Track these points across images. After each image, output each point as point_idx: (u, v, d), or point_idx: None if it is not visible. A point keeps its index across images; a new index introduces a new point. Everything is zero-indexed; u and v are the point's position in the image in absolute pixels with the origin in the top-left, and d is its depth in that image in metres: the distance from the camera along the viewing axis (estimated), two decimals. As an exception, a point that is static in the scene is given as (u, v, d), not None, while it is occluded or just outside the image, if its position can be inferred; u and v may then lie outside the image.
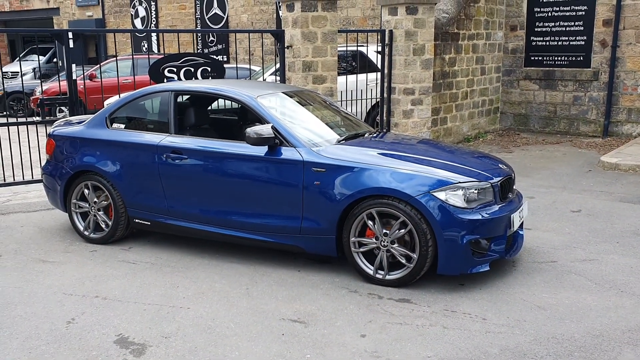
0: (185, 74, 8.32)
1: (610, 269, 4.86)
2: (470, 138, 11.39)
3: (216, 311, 4.06)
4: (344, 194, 4.51)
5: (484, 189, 4.48)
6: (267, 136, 4.67)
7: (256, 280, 4.64)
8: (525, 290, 4.44)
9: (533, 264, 5.00)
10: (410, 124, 9.97)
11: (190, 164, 5.07)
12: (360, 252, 4.58)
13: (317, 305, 4.17)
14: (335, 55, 9.10)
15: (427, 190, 4.31)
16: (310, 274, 4.77)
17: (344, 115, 5.87)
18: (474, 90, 11.41)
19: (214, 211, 5.03)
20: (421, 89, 9.95)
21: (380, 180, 4.42)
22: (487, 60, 11.67)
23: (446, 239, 4.27)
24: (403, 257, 4.43)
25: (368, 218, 4.48)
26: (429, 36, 9.84)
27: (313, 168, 4.62)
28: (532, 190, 7.62)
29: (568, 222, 6.22)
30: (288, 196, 4.71)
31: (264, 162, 4.80)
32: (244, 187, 4.88)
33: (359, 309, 4.09)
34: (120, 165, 5.38)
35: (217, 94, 5.25)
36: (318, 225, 4.64)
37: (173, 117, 5.28)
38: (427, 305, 4.16)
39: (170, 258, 5.16)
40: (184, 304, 4.18)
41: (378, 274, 4.51)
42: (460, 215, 4.29)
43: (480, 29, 11.31)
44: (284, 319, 3.93)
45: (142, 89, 5.61)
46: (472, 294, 4.36)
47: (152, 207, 5.30)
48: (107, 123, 5.58)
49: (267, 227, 4.83)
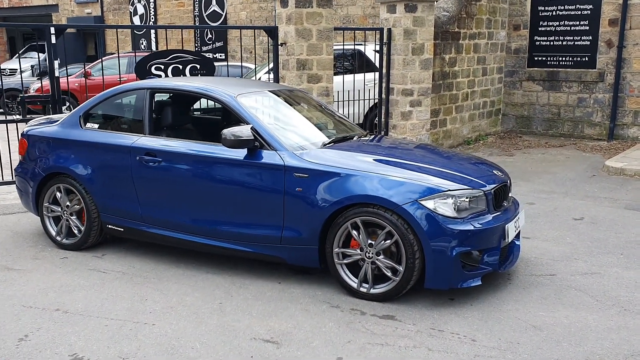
0: (173, 71, 8.02)
1: (613, 284, 4.53)
2: (470, 141, 11.05)
3: (183, 328, 3.75)
4: (327, 201, 4.19)
5: (476, 197, 4.16)
6: (245, 138, 4.36)
7: (232, 293, 4.33)
8: (521, 307, 4.11)
9: (530, 277, 4.67)
10: (408, 125, 9.65)
11: (164, 167, 4.76)
12: (344, 263, 4.27)
13: (294, 322, 3.85)
14: (331, 54, 8.78)
15: (414, 199, 3.99)
16: (292, 286, 4.45)
17: (335, 117, 5.55)
18: (475, 91, 11.07)
19: (190, 218, 4.72)
20: (420, 89, 9.63)
21: (365, 188, 4.10)
22: (489, 61, 11.33)
23: (434, 250, 3.95)
24: (389, 269, 4.11)
25: (352, 228, 4.16)
26: (428, 35, 9.52)
27: (295, 173, 4.30)
28: (532, 195, 7.29)
29: (569, 231, 5.88)
30: (268, 203, 4.39)
31: (242, 167, 4.48)
32: (222, 193, 4.57)
33: (338, 327, 3.77)
34: (93, 168, 5.08)
35: (195, 93, 4.93)
36: (300, 235, 4.32)
37: (148, 117, 4.97)
38: (412, 323, 3.84)
39: (144, 267, 4.86)
40: (149, 320, 3.87)
41: (362, 287, 4.20)
42: (450, 225, 3.97)
43: (482, 28, 10.97)
44: (256, 339, 3.61)
45: (118, 86, 5.30)
46: (462, 310, 4.04)
47: (126, 213, 4.99)
48: (80, 123, 5.28)
49: (245, 236, 4.51)
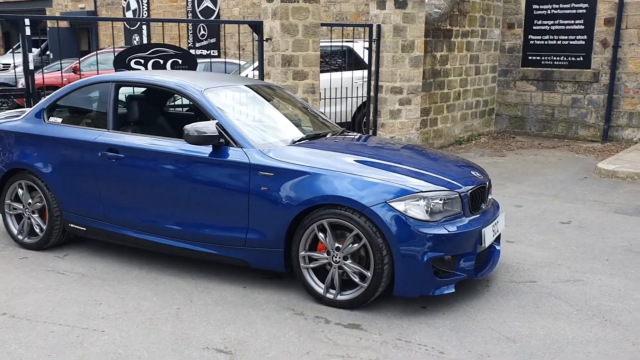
0: (153, 65, 7.79)
1: (595, 292, 4.30)
2: (462, 140, 10.82)
3: (133, 336, 3.52)
4: (293, 201, 3.96)
5: (451, 199, 3.93)
6: (210, 134, 4.13)
7: (192, 298, 4.10)
8: (496, 316, 3.88)
9: (510, 284, 4.44)
10: (397, 124, 9.42)
11: (127, 164, 4.53)
12: (310, 268, 4.04)
13: (253, 330, 3.62)
14: (317, 50, 8.54)
15: (383, 200, 3.76)
16: (256, 291, 4.23)
17: (311, 114, 5.32)
18: (467, 90, 10.84)
19: (153, 218, 4.49)
20: (410, 87, 9.40)
21: (332, 188, 3.87)
22: (482, 59, 11.09)
23: (404, 255, 3.72)
24: (356, 275, 3.88)
25: (319, 230, 3.93)
26: (419, 32, 9.29)
27: (260, 172, 4.07)
28: (520, 197, 7.06)
29: (555, 235, 5.65)
30: (233, 203, 4.17)
31: (207, 164, 4.26)
32: (186, 191, 4.34)
33: (299, 337, 3.55)
34: (55, 164, 4.85)
35: (161, 86, 4.70)
36: (265, 237, 4.09)
37: (112, 111, 4.74)
38: (378, 332, 3.61)
39: (105, 269, 4.63)
40: (99, 326, 3.64)
41: (329, 293, 3.97)
42: (421, 228, 3.74)
43: (476, 26, 10.73)
44: (209, 348, 3.39)
45: (83, 79, 5.07)
46: (433, 319, 3.81)
47: (88, 211, 4.77)
48: (43, 117, 5.05)
49: (209, 238, 4.29)
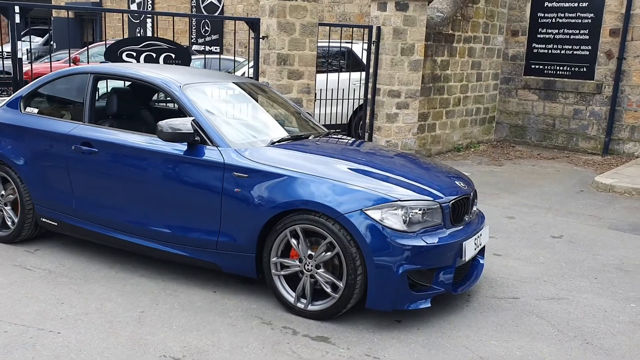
0: (146, 59, 7.64)
1: (579, 312, 4.12)
2: (460, 148, 10.64)
3: (89, 339, 3.36)
4: (266, 205, 3.80)
5: (432, 209, 3.76)
6: (185, 132, 3.97)
7: (159, 301, 3.95)
8: (472, 334, 3.71)
9: (491, 299, 4.27)
10: (394, 128, 9.25)
11: (100, 159, 4.38)
12: (282, 275, 3.88)
13: (215, 338, 3.46)
14: (314, 50, 8.39)
15: (359, 208, 3.59)
16: (227, 296, 4.07)
17: (298, 115, 5.16)
18: (467, 96, 10.65)
19: (125, 216, 4.34)
20: (408, 91, 9.23)
21: (306, 192, 3.71)
22: (485, 66, 10.91)
23: (378, 266, 3.55)
24: (329, 285, 3.72)
25: (292, 236, 3.77)
26: (419, 35, 9.12)
27: (234, 173, 3.92)
28: (513, 209, 6.88)
29: (545, 250, 5.48)
30: (205, 204, 4.01)
31: (181, 162, 4.10)
32: (159, 190, 4.18)
33: (262, 348, 3.38)
34: (29, 155, 4.71)
35: (139, 80, 4.54)
36: (236, 241, 3.93)
37: (89, 104, 4.59)
38: (346, 347, 3.45)
39: (75, 266, 4.48)
40: (56, 327, 3.49)
41: (300, 302, 3.80)
42: (398, 239, 3.57)
43: (479, 32, 10.55)
44: (165, 356, 3.23)
45: (62, 69, 4.93)
46: (406, 335, 3.64)
47: (60, 206, 4.62)
48: (20, 106, 4.91)
49: (181, 239, 4.13)
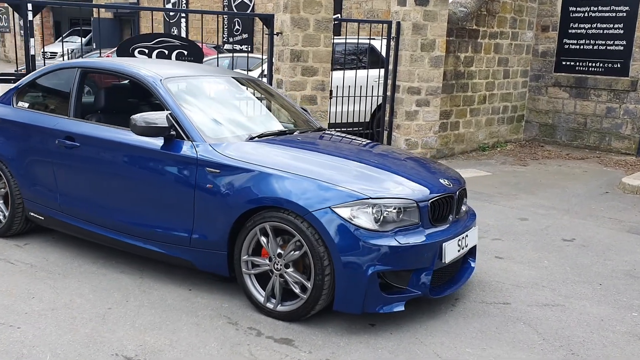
0: (158, 56, 7.65)
1: (572, 320, 3.85)
2: (486, 147, 10.30)
3: (46, 335, 3.31)
4: (237, 202, 3.68)
5: (408, 208, 3.56)
6: (160, 125, 3.89)
7: (130, 297, 3.87)
8: (448, 340, 3.50)
9: (479, 304, 4.04)
10: (413, 126, 9.02)
11: (81, 153, 4.35)
12: (252, 274, 3.75)
13: (175, 338, 3.36)
14: (329, 46, 8.25)
15: (327, 205, 3.43)
16: (201, 295, 3.97)
17: (291, 111, 5.02)
18: (494, 94, 10.30)
19: (104, 211, 4.29)
20: (429, 88, 8.98)
21: (274, 188, 3.57)
22: (512, 63, 10.53)
23: (345, 266, 3.38)
24: (297, 285, 3.57)
25: (262, 234, 3.64)
26: (440, 31, 8.86)
27: (207, 168, 3.81)
28: (528, 210, 6.57)
29: (552, 253, 5.19)
30: (179, 200, 3.92)
31: (157, 157, 4.02)
32: (135, 185, 4.12)
33: (220, 349, 3.26)
34: (18, 150, 4.72)
35: (121, 73, 4.49)
36: (208, 238, 3.83)
37: (75, 98, 4.57)
38: (309, 350, 3.29)
39: (58, 261, 4.46)
40: (18, 322, 3.45)
41: (269, 303, 3.67)
42: (368, 239, 3.39)
43: (505, 28, 10.19)
44: (117, 355, 3.14)
45: (53, 64, 4.93)
46: (376, 339, 3.46)
47: (46, 201, 4.61)
48: (13, 101, 4.94)
49: (156, 235, 4.05)
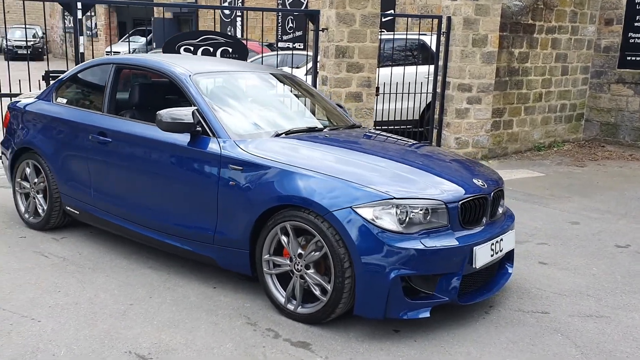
0: (203, 53, 7.70)
1: (617, 334, 3.57)
2: (541, 147, 9.87)
3: (65, 330, 3.31)
4: (258, 200, 3.60)
5: (436, 209, 3.38)
6: (185, 121, 3.84)
7: (154, 294, 3.85)
8: (475, 350, 3.29)
9: (515, 312, 3.80)
10: (464, 124, 8.73)
11: (113, 149, 4.36)
12: (274, 274, 3.65)
13: (191, 337, 3.30)
14: (376, 41, 8.09)
15: (348, 205, 3.29)
16: (224, 293, 3.90)
17: (326, 107, 4.90)
18: (550, 92, 9.86)
19: (133, 206, 4.29)
20: (480, 85, 8.67)
21: (295, 187, 3.46)
22: (572, 59, 10.04)
23: (366, 269, 3.23)
24: (318, 287, 3.45)
25: (282, 233, 3.54)
26: (493, 26, 8.54)
27: (230, 165, 3.74)
28: (581, 214, 6.21)
29: (602, 260, 4.86)
30: (204, 197, 3.86)
31: (184, 153, 3.98)
32: (163, 181, 4.10)
33: (234, 350, 3.18)
34: (56, 145, 4.79)
35: (152, 69, 4.47)
36: (231, 236, 3.76)
37: (109, 94, 4.59)
38: (325, 355, 3.16)
39: (90, 255, 4.50)
40: (40, 316, 3.47)
41: (290, 304, 3.56)
42: (391, 241, 3.23)
43: (565, 22, 9.72)
44: (130, 353, 3.10)
45: (91, 60, 4.99)
46: (398, 346, 3.29)
47: (80, 195, 4.66)
48: (53, 97, 5.02)
49: (181, 231, 4.02)
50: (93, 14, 27.00)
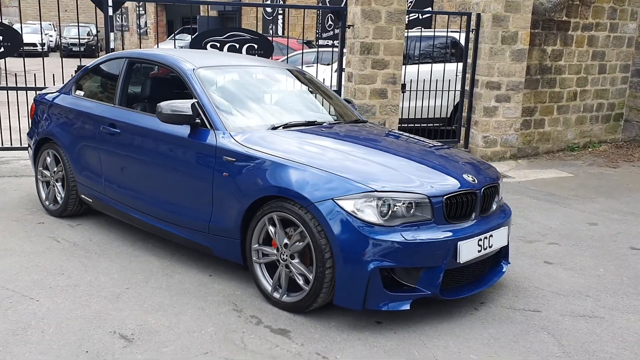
0: (229, 49, 7.85)
1: (607, 334, 3.50)
2: (575, 147, 9.62)
3: (59, 310, 3.48)
4: (248, 190, 3.69)
5: (419, 203, 3.39)
6: (185, 113, 3.97)
7: (150, 279, 3.99)
8: (454, 345, 3.29)
9: (505, 309, 3.77)
10: (492, 123, 8.62)
11: (121, 140, 4.54)
12: (262, 263, 3.73)
13: (175, 320, 3.41)
14: (401, 38, 8.07)
15: (330, 196, 3.34)
16: (219, 281, 4.01)
17: (333, 102, 4.95)
18: (586, 90, 9.60)
19: (139, 195, 4.45)
20: (509, 83, 8.54)
21: (281, 178, 3.53)
22: (610, 57, 9.75)
23: (345, 260, 3.28)
24: (301, 276, 3.51)
25: (270, 223, 3.61)
26: (523, 22, 8.40)
27: (224, 156, 3.84)
28: (602, 215, 6.06)
29: (612, 262, 4.75)
30: (201, 187, 3.98)
31: (184, 144, 4.11)
32: (165, 171, 4.23)
33: (214, 334, 3.27)
34: (72, 135, 5.01)
35: (159, 63, 4.62)
36: (224, 225, 3.86)
37: (121, 87, 4.78)
38: (301, 343, 3.22)
39: (100, 241, 4.69)
40: (39, 296, 3.66)
41: (276, 292, 3.64)
42: (370, 233, 3.26)
43: (603, 18, 9.45)
44: (115, 333, 3.24)
45: (108, 54, 5.19)
46: (375, 337, 3.32)
47: (93, 184, 4.86)
48: (72, 89, 5.25)
49: (180, 220, 4.15)
50: (143, 12, 27.77)
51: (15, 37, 7.22)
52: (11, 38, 7.19)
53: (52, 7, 21.51)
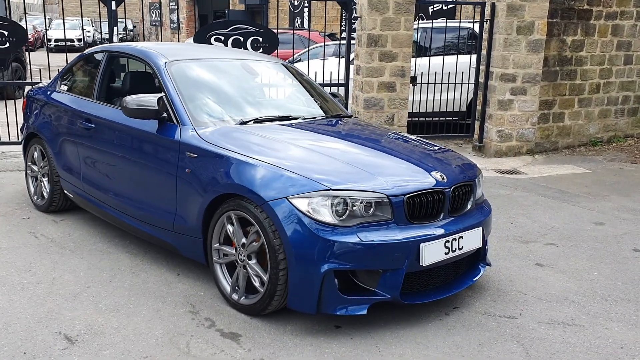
0: (233, 43, 7.77)
1: (583, 344, 3.25)
2: (598, 142, 9.20)
3: (14, 308, 3.43)
4: (208, 188, 3.56)
5: (378, 202, 3.21)
6: (151, 108, 3.87)
7: (115, 278, 3.91)
8: (411, 352, 3.10)
9: (478, 315, 3.55)
10: (507, 117, 8.30)
11: (95, 135, 4.47)
12: (223, 263, 3.61)
13: (126, 322, 3.32)
14: (410, 29, 7.84)
15: (284, 195, 3.19)
16: (184, 280, 3.91)
17: (316, 96, 4.77)
18: (610, 82, 9.16)
19: (113, 191, 4.38)
20: (525, 75, 8.21)
21: (237, 176, 3.39)
22: (637, 47, 9.27)
23: (298, 261, 3.12)
24: (257, 278, 3.37)
25: (229, 222, 3.49)
26: (540, 12, 8.05)
27: (187, 152, 3.73)
28: (610, 214, 5.74)
29: (609, 265, 4.46)
30: (165, 184, 3.87)
31: (151, 140, 4.01)
32: (134, 167, 4.15)
33: (160, 337, 3.16)
34: (54, 130, 4.98)
35: (138, 57, 4.52)
36: (187, 224, 3.75)
37: (99, 81, 4.71)
38: (249, 348, 3.08)
39: (78, 238, 4.65)
40: (-2, 293, 3.63)
41: (235, 294, 3.51)
42: (324, 233, 3.10)
43: (629, 6, 8.98)
44: (60, 333, 3.16)
45: (90, 48, 5.13)
46: (329, 343, 3.16)
47: (73, 180, 4.82)
48: (58, 84, 5.22)
49: (148, 217, 4.06)
50: (175, 6, 27.99)
51: (20, 33, 7.28)
52: (16, 33, 7.25)
53: (91, 3, 21.83)
